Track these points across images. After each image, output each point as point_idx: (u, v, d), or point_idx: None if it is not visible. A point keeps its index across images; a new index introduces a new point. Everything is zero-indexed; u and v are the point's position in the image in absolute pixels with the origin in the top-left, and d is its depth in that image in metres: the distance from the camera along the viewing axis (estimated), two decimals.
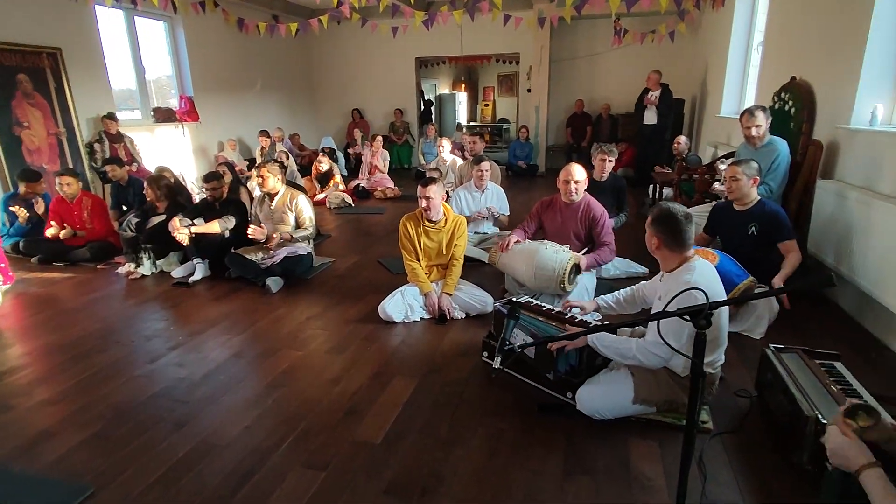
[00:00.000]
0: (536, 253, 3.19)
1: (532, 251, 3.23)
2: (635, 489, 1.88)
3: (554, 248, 3.21)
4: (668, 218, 2.07)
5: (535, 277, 3.17)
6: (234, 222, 4.33)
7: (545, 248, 3.22)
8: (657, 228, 2.10)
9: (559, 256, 3.15)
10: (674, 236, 2.07)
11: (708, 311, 1.19)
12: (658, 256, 2.18)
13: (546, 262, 3.13)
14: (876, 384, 2.24)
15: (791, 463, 1.94)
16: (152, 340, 3.16)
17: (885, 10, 3.13)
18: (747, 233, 3.22)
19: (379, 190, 7.66)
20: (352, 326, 3.30)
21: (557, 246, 3.26)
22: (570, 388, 2.32)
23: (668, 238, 2.08)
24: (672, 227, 2.06)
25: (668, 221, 2.07)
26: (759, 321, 3.03)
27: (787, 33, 4.62)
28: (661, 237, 2.09)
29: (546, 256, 3.15)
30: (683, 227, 2.05)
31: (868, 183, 3.15)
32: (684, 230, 2.05)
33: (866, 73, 3.26)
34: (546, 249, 3.20)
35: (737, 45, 6.28)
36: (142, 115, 7.20)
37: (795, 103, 4.03)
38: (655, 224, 2.10)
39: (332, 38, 10.43)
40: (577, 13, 7.08)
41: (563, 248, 3.22)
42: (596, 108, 9.76)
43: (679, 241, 2.07)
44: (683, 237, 2.06)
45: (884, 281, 2.74)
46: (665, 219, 2.07)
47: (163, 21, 7.43)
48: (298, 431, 2.24)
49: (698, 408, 2.12)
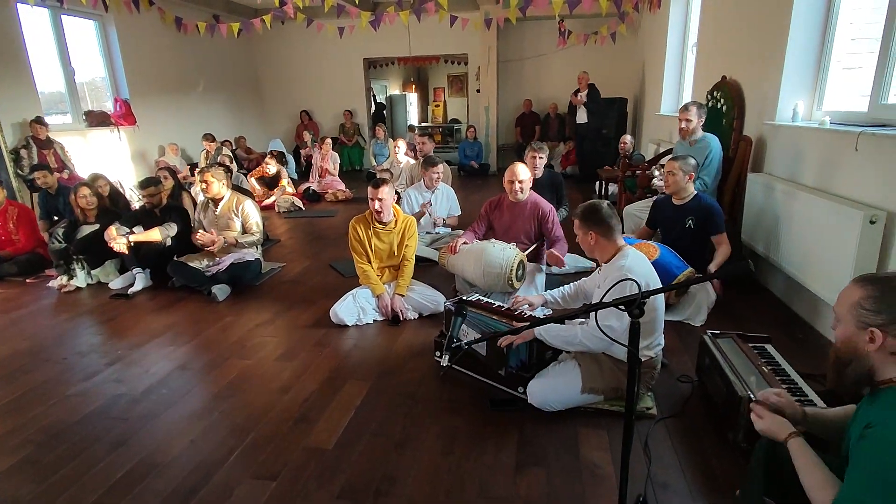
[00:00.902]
0: (484, 251, 3.23)
1: (479, 250, 3.26)
2: (585, 477, 1.93)
3: (501, 247, 3.26)
4: (596, 211, 2.21)
5: (484, 276, 3.20)
6: (175, 229, 4.16)
7: (493, 246, 3.26)
8: (589, 224, 2.22)
9: (506, 254, 3.19)
10: (605, 226, 2.20)
11: (641, 300, 1.24)
12: (597, 252, 2.28)
13: (493, 259, 3.17)
14: (804, 363, 2.40)
15: (728, 442, 2.04)
16: (87, 356, 2.99)
17: (803, 15, 3.34)
18: (685, 226, 3.36)
19: (330, 192, 7.55)
20: (303, 332, 3.24)
21: (504, 244, 3.31)
22: (521, 383, 2.36)
23: (601, 229, 2.20)
24: (600, 218, 2.20)
25: (594, 214, 2.21)
26: (699, 309, 3.17)
27: (717, 35, 4.86)
28: (596, 230, 2.21)
29: (493, 254, 3.19)
30: (608, 214, 2.21)
31: (792, 175, 3.35)
32: (610, 217, 2.20)
33: (788, 73, 3.48)
34: (493, 248, 3.24)
35: (673, 46, 6.57)
36: (73, 119, 6.81)
37: (726, 101, 4.25)
38: (586, 221, 2.23)
39: (277, 38, 10.20)
40: (522, 14, 7.24)
41: (509, 247, 3.27)
42: (544, 108, 9.97)
43: (610, 230, 2.20)
44: (612, 224, 2.20)
45: (808, 267, 2.93)
46: (593, 213, 2.21)
47: (93, 20, 7.05)
48: (247, 442, 2.17)
49: (637, 392, 2.22)
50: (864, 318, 1.21)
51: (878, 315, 1.19)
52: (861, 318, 1.21)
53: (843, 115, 3.12)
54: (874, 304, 1.19)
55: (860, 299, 1.22)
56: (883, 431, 1.13)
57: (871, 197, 2.59)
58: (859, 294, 1.22)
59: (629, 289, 1.56)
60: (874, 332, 1.19)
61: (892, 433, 1.11)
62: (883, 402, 1.20)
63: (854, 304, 1.23)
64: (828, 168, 2.97)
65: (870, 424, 1.17)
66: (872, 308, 1.19)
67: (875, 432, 1.14)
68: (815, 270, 2.86)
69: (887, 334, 1.18)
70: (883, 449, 1.11)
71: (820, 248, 2.80)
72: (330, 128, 10.70)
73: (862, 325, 1.21)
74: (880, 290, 1.20)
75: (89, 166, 6.17)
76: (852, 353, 1.24)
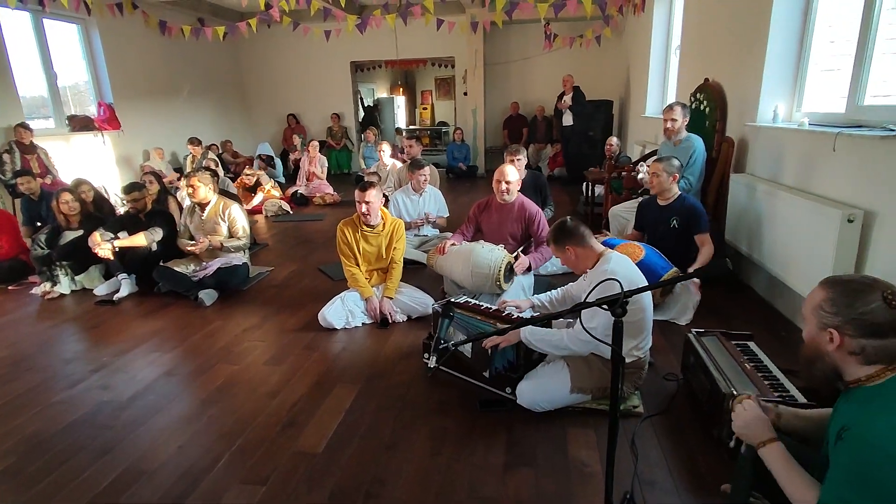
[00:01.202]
0: (472, 252, 3.24)
1: (468, 251, 3.28)
2: (573, 475, 1.95)
3: (489, 248, 3.28)
4: (563, 229, 2.28)
5: (472, 276, 3.22)
6: (161, 234, 4.12)
7: (481, 247, 3.28)
8: (565, 242, 2.27)
9: (494, 255, 3.21)
10: (575, 237, 2.26)
11: (623, 299, 1.26)
12: (580, 263, 2.31)
13: (482, 260, 3.19)
14: (786, 359, 2.44)
15: (713, 438, 2.08)
16: (72, 364, 2.95)
17: (782, 19, 3.41)
18: (670, 226, 3.41)
19: (318, 196, 7.53)
20: (291, 336, 3.23)
21: (492, 245, 3.33)
22: (509, 384, 2.37)
23: (574, 241, 2.26)
24: (567, 232, 2.26)
25: (562, 231, 2.28)
26: (685, 309, 3.21)
27: (700, 38, 4.94)
28: (570, 244, 2.27)
29: (481, 255, 3.21)
30: (576, 226, 2.27)
31: (773, 175, 3.41)
32: (576, 227, 2.27)
33: (768, 75, 3.54)
34: (482, 249, 3.26)
35: (657, 49, 6.65)
36: (56, 124, 6.72)
37: (709, 103, 4.31)
38: (561, 240, 2.29)
39: (263, 41, 10.16)
40: (508, 18, 7.28)
41: (497, 248, 3.29)
42: (531, 110, 10.03)
43: (582, 237, 2.26)
44: (580, 232, 2.26)
45: (789, 265, 2.98)
46: (562, 231, 2.28)
47: (76, 24, 6.97)
48: (235, 448, 2.16)
49: (622, 391, 2.25)
50: (823, 319, 1.25)
51: (835, 317, 1.23)
52: (821, 319, 1.25)
53: (821, 116, 3.18)
54: (832, 306, 1.24)
55: (821, 301, 1.26)
56: (859, 431, 1.16)
57: (848, 196, 2.65)
58: (821, 296, 1.27)
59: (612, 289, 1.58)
60: (832, 333, 1.23)
61: (867, 433, 1.15)
62: (856, 402, 1.24)
63: (816, 306, 1.27)
64: (807, 168, 3.03)
65: (846, 427, 1.20)
66: (831, 310, 1.24)
67: (851, 434, 1.18)
68: (795, 268, 2.91)
69: (844, 335, 1.22)
70: (860, 448, 1.15)
71: (800, 246, 2.86)
72: (317, 131, 10.67)
73: (822, 325, 1.25)
74: (839, 293, 1.24)
75: (73, 171, 6.09)
76: (816, 353, 1.29)
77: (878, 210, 2.44)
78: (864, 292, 1.21)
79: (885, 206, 2.39)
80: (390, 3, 7.79)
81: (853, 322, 1.21)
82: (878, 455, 1.11)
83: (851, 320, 1.21)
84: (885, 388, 1.21)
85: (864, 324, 1.20)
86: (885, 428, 1.13)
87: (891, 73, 2.73)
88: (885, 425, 1.13)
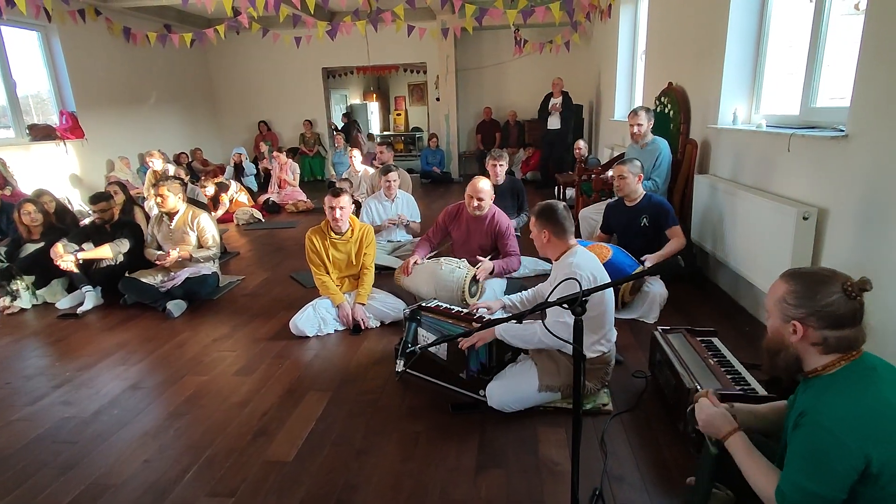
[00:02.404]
0: (435, 273, 3.27)
1: (431, 271, 3.30)
2: (544, 474, 1.97)
3: (450, 268, 3.28)
4: (551, 210, 2.29)
5: (438, 295, 3.22)
6: (128, 245, 4.03)
7: (440, 268, 3.29)
8: (543, 222, 2.29)
9: (455, 275, 3.23)
10: (559, 225, 2.28)
11: (583, 298, 1.29)
12: (548, 250, 2.35)
13: (444, 281, 3.22)
14: (748, 354, 2.52)
15: (679, 433, 2.12)
16: (33, 380, 2.86)
17: (738, 26, 3.53)
18: (640, 225, 3.48)
19: (290, 203, 7.45)
20: (262, 345, 3.19)
21: (453, 263, 3.33)
22: (482, 386, 2.39)
23: (555, 228, 2.28)
24: (555, 217, 2.28)
25: (551, 214, 2.28)
26: (652, 306, 3.28)
27: (663, 44, 5.07)
28: (549, 229, 2.28)
29: (443, 277, 3.23)
30: (564, 215, 2.29)
31: (734, 176, 3.52)
32: (565, 218, 2.29)
33: (727, 79, 3.65)
34: (441, 270, 3.27)
35: (624, 54, 6.80)
36: (15, 133, 6.52)
37: (673, 106, 4.43)
38: (541, 219, 2.30)
39: (232, 48, 10.04)
40: (478, 24, 7.36)
41: (458, 265, 3.30)
42: (503, 115, 10.13)
43: (563, 229, 2.28)
44: (565, 225, 2.28)
45: (750, 262, 3.08)
46: (548, 212, 2.29)
47: (35, 31, 6.78)
48: (203, 459, 2.12)
49: (584, 386, 2.28)
50: (787, 311, 1.28)
51: (798, 309, 1.26)
52: (785, 311, 1.28)
53: (778, 118, 3.30)
54: (795, 298, 1.27)
55: (784, 294, 1.29)
56: (814, 417, 1.20)
57: (803, 194, 2.75)
58: (783, 289, 1.30)
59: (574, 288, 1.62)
60: (796, 325, 1.26)
61: (822, 418, 1.19)
62: (813, 391, 1.28)
63: (779, 299, 1.30)
64: (765, 168, 3.14)
65: (803, 413, 1.24)
66: (794, 302, 1.27)
67: (807, 419, 1.22)
68: (756, 265, 3.00)
69: (808, 326, 1.25)
70: (815, 433, 1.19)
71: (760, 243, 2.95)
72: (290, 138, 10.58)
73: (786, 318, 1.28)
74: (801, 286, 1.27)
75: (34, 182, 5.92)
76: (779, 344, 1.32)
77: (830, 207, 2.54)
78: (825, 284, 1.25)
79: (837, 204, 2.49)
80: (361, 10, 7.80)
81: (816, 314, 1.24)
82: (829, 439, 1.15)
83: (815, 312, 1.24)
84: (840, 376, 1.25)
85: (826, 315, 1.23)
86: (837, 414, 1.17)
87: (841, 76, 2.85)
88: (838, 411, 1.18)
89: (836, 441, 1.15)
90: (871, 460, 1.13)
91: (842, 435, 1.14)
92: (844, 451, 1.14)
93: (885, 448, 1.14)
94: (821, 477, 1.16)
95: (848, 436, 1.14)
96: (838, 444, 1.14)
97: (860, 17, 2.34)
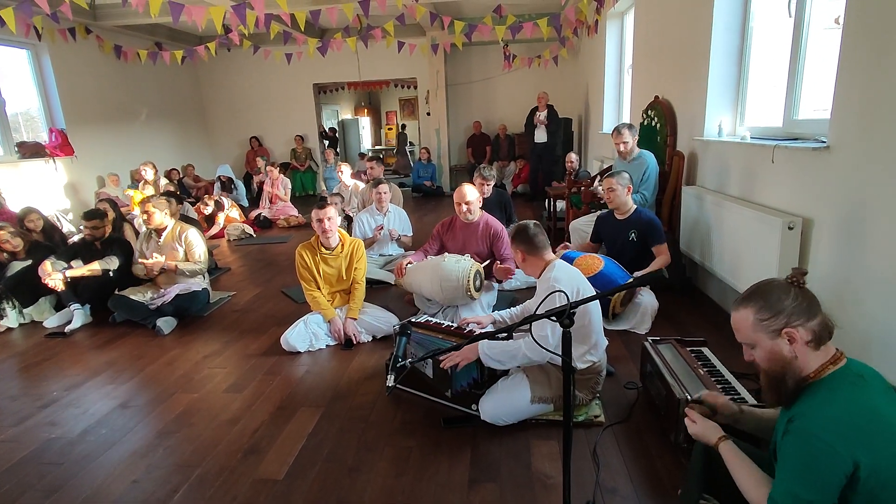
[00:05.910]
0: (438, 266, 3.26)
1: (434, 265, 3.30)
2: (537, 488, 1.96)
3: (455, 259, 3.30)
4: (521, 231, 2.36)
5: (442, 290, 3.23)
6: (117, 263, 4.00)
7: (444, 260, 3.30)
8: (517, 243, 2.36)
9: (461, 265, 3.24)
10: (530, 243, 2.33)
11: (570, 310, 1.30)
12: (528, 268, 2.39)
13: (449, 272, 3.21)
14: (738, 363, 2.52)
15: (670, 443, 2.13)
16: (18, 400, 2.82)
17: (721, 40, 3.60)
18: (628, 238, 3.52)
19: (282, 219, 7.45)
20: (253, 361, 3.16)
21: (458, 256, 3.36)
22: (474, 401, 2.38)
23: (527, 246, 2.33)
24: (525, 236, 2.33)
25: (521, 233, 2.35)
26: (644, 317, 3.30)
27: (649, 58, 5.16)
28: (522, 247, 2.35)
29: (448, 267, 3.23)
30: (534, 232, 2.34)
31: (720, 187, 3.57)
32: (536, 234, 2.34)
33: (712, 92, 3.72)
34: (446, 261, 3.28)
35: (611, 69, 6.90)
36: (4, 151, 6.48)
37: (660, 119, 4.50)
38: (515, 241, 2.38)
39: (223, 64, 10.10)
40: (467, 40, 7.45)
41: (463, 258, 3.32)
42: (493, 129, 10.22)
43: (535, 245, 2.33)
44: (536, 241, 2.33)
45: (738, 271, 3.11)
46: (519, 232, 2.36)
47: (25, 49, 6.79)
48: (193, 478, 2.09)
49: (580, 398, 2.28)
50: (770, 327, 1.27)
51: (778, 318, 1.26)
52: (768, 328, 1.27)
53: (762, 130, 3.36)
54: (767, 312, 1.27)
55: (754, 317, 1.29)
56: (803, 423, 1.21)
57: (788, 205, 2.79)
58: (750, 314, 1.29)
59: (559, 300, 1.64)
60: (789, 331, 1.25)
61: (811, 424, 1.19)
62: (802, 397, 1.29)
63: (753, 323, 1.29)
64: (750, 179, 3.19)
65: (791, 419, 1.25)
66: (769, 315, 1.27)
67: (796, 426, 1.22)
68: (744, 274, 3.03)
69: (796, 328, 1.25)
70: (804, 440, 1.19)
71: (747, 253, 2.99)
72: (281, 153, 10.60)
73: (774, 332, 1.27)
74: (761, 301, 1.28)
75: (22, 199, 5.88)
76: (782, 364, 1.29)
77: (814, 217, 2.58)
78: (775, 289, 1.29)
79: (821, 214, 2.53)
80: (351, 26, 7.87)
81: (794, 313, 1.25)
82: (819, 445, 1.16)
83: (791, 312, 1.25)
84: (827, 383, 1.25)
85: (800, 310, 1.25)
86: (825, 419, 1.18)
87: (823, 89, 2.91)
88: (826, 417, 1.18)
89: (825, 446, 1.15)
90: (860, 465, 1.14)
91: (830, 440, 1.15)
92: (834, 456, 1.15)
93: (872, 453, 1.14)
94: (812, 483, 1.16)
95: (837, 441, 1.15)
96: (828, 450, 1.15)
97: (840, 30, 2.40)
